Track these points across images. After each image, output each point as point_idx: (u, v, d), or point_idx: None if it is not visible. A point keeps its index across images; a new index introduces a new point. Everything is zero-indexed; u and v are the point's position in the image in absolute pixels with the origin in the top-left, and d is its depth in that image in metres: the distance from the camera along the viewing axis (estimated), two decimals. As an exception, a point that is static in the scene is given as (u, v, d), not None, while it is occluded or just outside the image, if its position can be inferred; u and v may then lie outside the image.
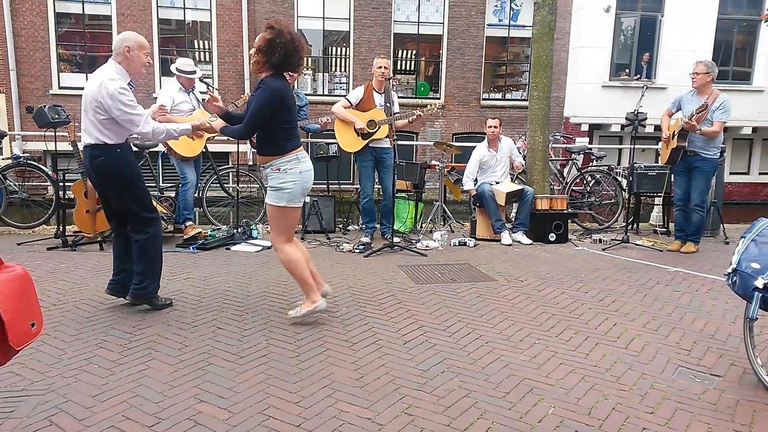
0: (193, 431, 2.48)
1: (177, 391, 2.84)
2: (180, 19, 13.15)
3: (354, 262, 5.42)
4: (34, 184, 6.87)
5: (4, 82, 12.10)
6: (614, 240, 6.55)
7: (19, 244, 5.73)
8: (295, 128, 3.76)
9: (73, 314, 3.86)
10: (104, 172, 3.80)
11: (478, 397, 2.86)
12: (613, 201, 7.64)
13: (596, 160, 8.15)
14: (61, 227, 5.80)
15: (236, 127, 3.76)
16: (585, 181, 7.71)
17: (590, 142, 14.11)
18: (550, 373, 3.16)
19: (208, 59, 13.33)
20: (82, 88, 12.47)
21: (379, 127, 6.04)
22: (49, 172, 6.41)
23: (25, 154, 6.84)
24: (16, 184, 6.62)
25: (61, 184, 5.92)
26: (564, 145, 8.95)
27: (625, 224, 6.99)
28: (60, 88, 12.57)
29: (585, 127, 14.28)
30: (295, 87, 6.66)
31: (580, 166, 7.85)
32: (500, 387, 2.97)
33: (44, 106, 5.71)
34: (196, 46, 13.44)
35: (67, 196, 5.98)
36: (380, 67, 6.04)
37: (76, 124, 6.07)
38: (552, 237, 6.58)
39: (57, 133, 5.66)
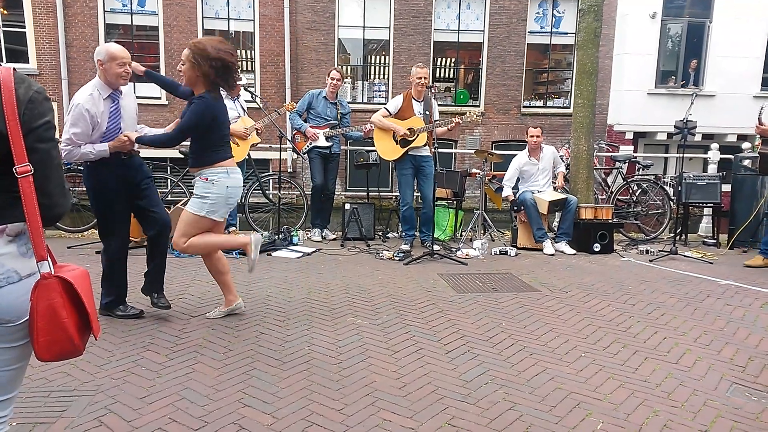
0: (237, 435, 2.50)
1: (222, 394, 2.87)
2: (224, 30, 13.44)
3: (394, 270, 5.40)
4: (84, 189, 7.07)
5: (56, 91, 12.56)
6: (662, 251, 6.37)
7: (69, 248, 5.91)
8: (226, 142, 3.78)
9: (119, 317, 3.94)
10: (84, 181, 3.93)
11: (523, 410, 2.80)
12: (660, 211, 7.43)
13: (642, 169, 7.95)
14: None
15: (159, 135, 3.81)
16: (631, 191, 7.53)
17: (635, 151, 13.79)
18: (598, 387, 3.07)
19: (251, 68, 13.57)
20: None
21: (418, 135, 6.03)
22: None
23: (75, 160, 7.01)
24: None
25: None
26: (609, 154, 8.76)
27: (672, 235, 6.79)
28: (109, 96, 12.95)
29: (629, 135, 13.99)
30: (337, 95, 6.69)
31: (625, 175, 7.66)
32: (546, 400, 2.90)
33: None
34: (240, 56, 13.70)
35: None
36: (420, 77, 6.04)
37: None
38: (597, 247, 6.43)
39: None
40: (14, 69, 1.56)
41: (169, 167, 9.64)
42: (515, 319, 4.10)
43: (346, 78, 14.14)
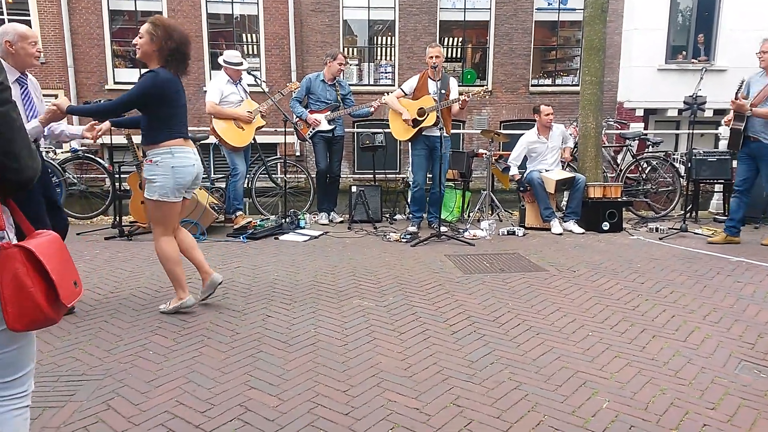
0: (244, 417, 2.52)
1: (228, 377, 2.89)
2: (228, 14, 13.35)
3: (401, 252, 5.39)
4: (92, 176, 7.12)
5: (62, 79, 12.57)
6: (672, 229, 6.31)
7: (78, 234, 5.95)
8: (177, 121, 3.60)
9: (130, 302, 3.98)
10: None
11: (528, 389, 2.79)
12: (670, 188, 7.35)
13: (652, 146, 7.85)
14: (118, 218, 5.98)
15: (97, 104, 3.74)
16: (640, 168, 7.44)
17: (645, 128, 13.63)
18: (605, 366, 3.06)
19: (255, 52, 13.49)
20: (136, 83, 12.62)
21: (428, 115, 5.98)
22: (106, 165, 6.62)
23: (83, 148, 7.06)
24: (75, 176, 6.87)
25: (117, 176, 6.11)
26: (618, 131, 8.65)
27: (683, 212, 6.72)
28: (115, 83, 12.96)
29: (640, 112, 13.80)
30: (339, 77, 6.62)
31: (635, 153, 7.57)
32: (552, 379, 2.89)
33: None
34: (245, 40, 13.63)
35: (123, 188, 6.16)
36: (431, 56, 5.97)
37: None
38: (605, 226, 6.38)
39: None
40: None
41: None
42: (522, 299, 4.08)
43: (352, 60, 14.03)
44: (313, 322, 3.61)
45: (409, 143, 6.33)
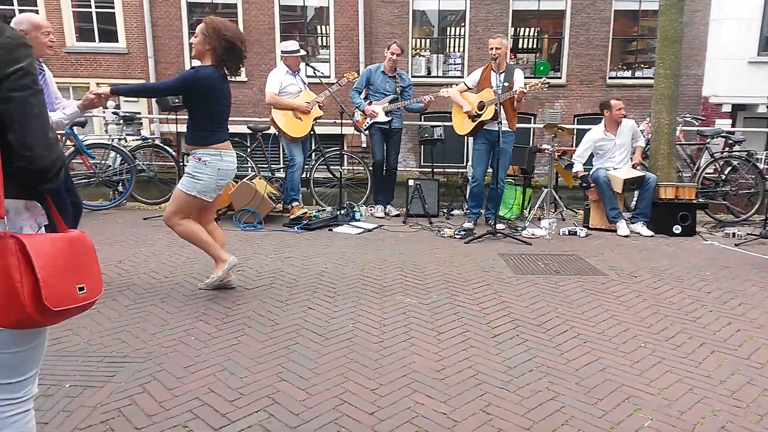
0: (269, 409, 2.53)
1: (262, 367, 2.92)
2: (300, 5, 13.54)
3: (453, 248, 5.29)
4: (161, 163, 7.41)
5: (144, 69, 13.18)
6: (750, 235, 5.86)
7: (145, 219, 6.21)
8: (222, 123, 3.72)
9: (182, 287, 4.10)
10: None
11: (566, 400, 2.65)
12: (752, 191, 6.82)
13: (734, 145, 7.31)
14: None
15: (139, 84, 3.83)
16: (719, 168, 6.95)
17: (733, 125, 12.75)
18: (653, 381, 2.86)
19: (325, 44, 13.63)
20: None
21: (487, 108, 5.82)
22: (173, 153, 6.87)
23: (153, 136, 7.37)
24: (145, 163, 7.18)
25: (183, 164, 6.32)
26: (695, 128, 8.12)
27: (765, 217, 6.22)
28: (192, 73, 13.45)
29: (727, 108, 12.92)
30: (397, 67, 6.55)
31: (714, 152, 7.07)
32: (593, 392, 2.74)
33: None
34: (316, 32, 13.78)
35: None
36: (491, 47, 5.80)
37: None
38: (677, 229, 6.00)
39: (178, 117, 6.03)
40: None
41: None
42: (573, 304, 3.90)
43: (425, 51, 13.91)
44: (353, 316, 3.59)
45: (470, 138, 6.19)
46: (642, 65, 13.96)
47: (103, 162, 6.92)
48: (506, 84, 5.76)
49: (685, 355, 3.16)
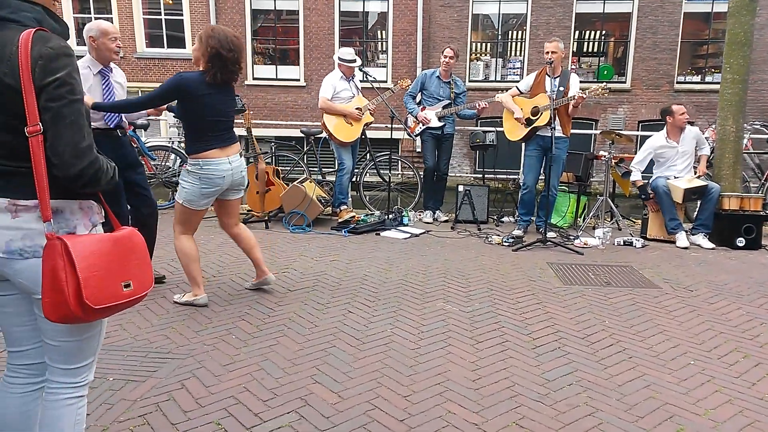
0: (301, 411, 2.56)
1: (297, 369, 2.96)
2: (360, 11, 13.69)
3: (500, 256, 5.20)
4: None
5: (208, 74, 13.63)
6: (823, 250, 5.49)
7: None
8: (210, 132, 3.59)
9: (228, 286, 4.21)
10: None
11: (604, 417, 2.56)
12: (826, 203, 6.39)
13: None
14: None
15: (123, 100, 3.78)
16: (791, 179, 6.55)
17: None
18: (700, 400, 2.72)
19: (384, 48, 13.73)
20: (274, 79, 13.67)
21: (541, 114, 5.70)
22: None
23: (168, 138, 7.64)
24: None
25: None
26: (766, 136, 7.68)
27: (841, 232, 5.81)
28: (254, 79, 13.85)
29: (804, 115, 12.16)
30: (451, 74, 6.50)
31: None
32: (634, 409, 2.63)
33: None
34: (375, 37, 13.90)
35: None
36: (547, 51, 5.69)
37: (251, 112, 6.63)
38: (740, 242, 5.69)
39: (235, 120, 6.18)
40: (39, 29, 1.58)
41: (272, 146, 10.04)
42: (622, 318, 3.76)
43: (484, 56, 13.78)
44: (392, 322, 3.58)
45: (523, 143, 6.07)
46: (713, 70, 13.34)
47: (163, 163, 7.20)
48: (561, 89, 5.63)
49: (737, 375, 2.99)
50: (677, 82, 13.22)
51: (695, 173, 6.05)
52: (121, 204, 3.96)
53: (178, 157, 7.17)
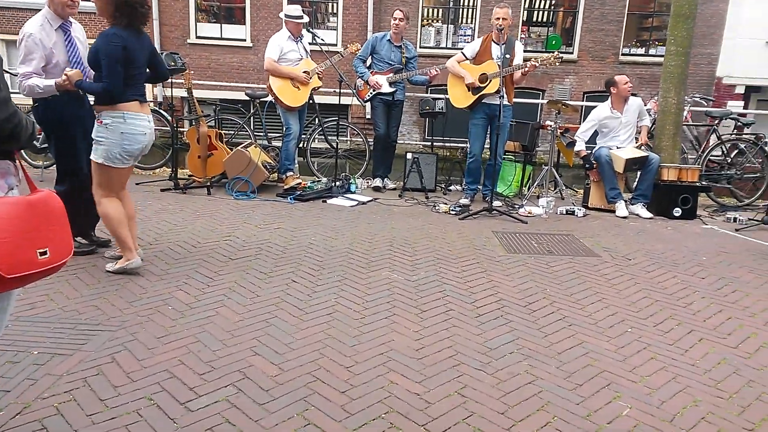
0: (239, 384, 2.48)
1: (237, 341, 2.86)
2: (309, -30, 13.24)
3: (446, 224, 5.19)
4: (157, 128, 7.29)
5: (148, 31, 12.92)
6: (752, 220, 5.73)
7: (137, 184, 6.12)
8: (134, 82, 3.40)
9: (165, 254, 4.04)
10: (38, 119, 3.74)
11: (544, 385, 2.59)
12: (757, 175, 6.66)
13: (744, 127, 7.12)
14: (174, 170, 6.11)
15: (96, 85, 3.43)
16: (725, 151, 6.78)
17: (745, 107, 12.48)
18: (637, 367, 2.79)
19: (333, 11, 13.36)
20: (218, 38, 13.04)
21: (490, 81, 5.66)
22: (168, 117, 6.75)
23: (149, 101, 7.23)
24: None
25: (177, 129, 6.22)
26: (704, 108, 7.91)
27: (768, 203, 6.09)
28: (197, 37, 13.26)
29: (740, 90, 12.63)
30: (402, 38, 6.37)
31: (722, 134, 6.89)
32: (573, 377, 2.67)
33: (162, 54, 5.95)
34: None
35: (182, 141, 6.28)
36: (498, 17, 5.61)
37: (192, 72, 6.33)
38: (677, 212, 5.87)
39: (173, 81, 5.90)
40: None
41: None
42: (562, 286, 3.82)
43: (436, 22, 13.60)
44: (336, 291, 3.52)
45: (468, 111, 6.02)
46: (657, 42, 13.61)
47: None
48: (507, 56, 5.59)
49: (671, 342, 3.08)
50: (622, 54, 13.44)
51: (636, 143, 6.18)
52: (79, 159, 3.77)
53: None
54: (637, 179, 6.26)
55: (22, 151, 6.52)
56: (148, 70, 3.69)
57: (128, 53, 3.37)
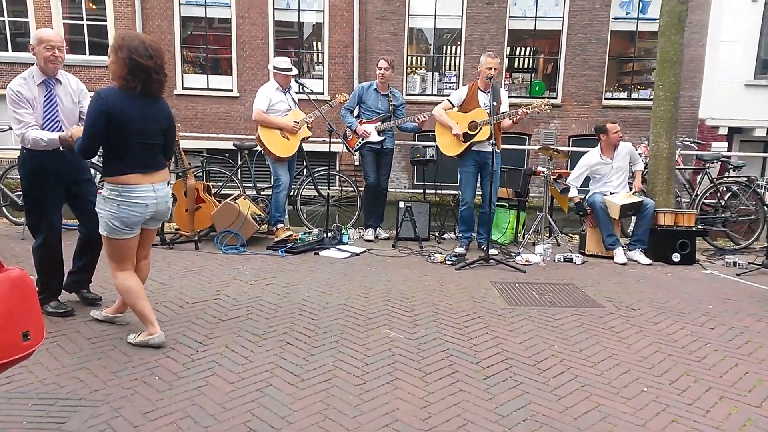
0: (234, 466, 2.27)
1: (229, 415, 2.65)
2: (295, 21, 13.40)
3: (443, 275, 5.04)
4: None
5: (134, 83, 12.95)
6: (752, 264, 5.65)
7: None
8: (131, 152, 3.14)
9: (152, 317, 3.83)
10: (19, 167, 3.74)
11: (563, 457, 2.40)
12: (752, 217, 6.63)
13: (734, 170, 7.14)
14: (161, 225, 5.93)
15: (85, 144, 3.20)
16: (719, 194, 6.76)
17: (729, 149, 12.63)
18: (658, 432, 2.62)
19: (319, 60, 13.48)
20: (205, 89, 13.03)
21: (481, 129, 5.62)
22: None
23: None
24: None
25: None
26: (695, 152, 7.95)
27: (766, 245, 6.02)
28: (184, 88, 13.26)
29: (723, 131, 12.81)
30: (389, 86, 6.35)
31: (713, 177, 6.89)
32: (593, 446, 2.49)
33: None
34: (311, 48, 13.63)
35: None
36: (490, 67, 5.58)
37: (179, 124, 6.22)
38: (676, 257, 5.78)
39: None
40: None
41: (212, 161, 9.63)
42: (570, 341, 3.66)
43: (419, 69, 13.78)
44: (334, 353, 3.33)
45: (457, 159, 5.94)
46: (638, 86, 13.87)
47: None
48: (495, 104, 5.56)
49: (690, 402, 2.92)
50: (605, 98, 13.64)
51: (630, 189, 6.13)
52: (50, 219, 3.72)
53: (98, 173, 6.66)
54: (632, 225, 6.19)
55: (3, 208, 6.33)
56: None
57: (116, 118, 3.09)
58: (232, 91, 13.28)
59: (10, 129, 6.60)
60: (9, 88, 3.54)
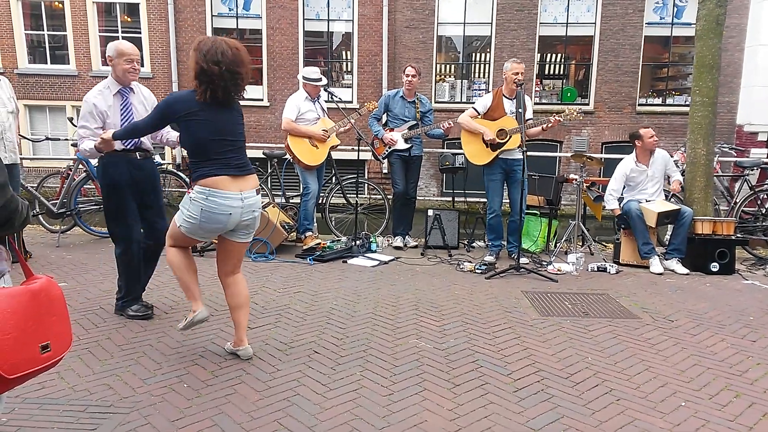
0: (260, 477, 2.24)
1: (257, 423, 2.64)
2: (324, 31, 13.50)
3: (473, 284, 4.97)
4: (175, 189, 7.25)
5: (168, 92, 13.21)
6: (796, 274, 5.43)
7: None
8: (216, 154, 3.06)
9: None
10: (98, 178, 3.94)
11: (598, 474, 2.31)
12: (795, 226, 6.39)
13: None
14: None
15: (131, 124, 3.53)
16: (759, 201, 6.53)
17: (768, 154, 12.26)
18: (699, 450, 2.51)
19: (349, 69, 13.55)
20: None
21: (510, 137, 5.54)
22: (186, 179, 6.70)
23: (166, 162, 7.24)
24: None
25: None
26: (734, 159, 7.71)
27: (811, 255, 5.79)
28: (215, 98, 13.45)
29: (763, 137, 12.43)
30: (416, 93, 6.31)
31: (753, 184, 6.66)
32: (629, 463, 2.39)
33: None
34: (340, 56, 13.72)
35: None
36: (516, 72, 5.51)
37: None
38: (714, 267, 5.59)
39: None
40: None
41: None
42: (605, 353, 3.55)
43: (449, 77, 13.74)
44: (361, 363, 3.29)
45: (483, 167, 5.84)
46: (673, 92, 13.59)
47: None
48: (520, 110, 5.47)
49: (732, 418, 2.79)
50: (639, 105, 13.39)
51: (666, 197, 5.96)
52: (129, 226, 3.86)
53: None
54: (669, 233, 6.01)
55: (40, 216, 6.48)
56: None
57: (182, 116, 3.08)
58: (262, 100, 13.43)
59: (46, 139, 6.77)
60: (85, 99, 3.73)
